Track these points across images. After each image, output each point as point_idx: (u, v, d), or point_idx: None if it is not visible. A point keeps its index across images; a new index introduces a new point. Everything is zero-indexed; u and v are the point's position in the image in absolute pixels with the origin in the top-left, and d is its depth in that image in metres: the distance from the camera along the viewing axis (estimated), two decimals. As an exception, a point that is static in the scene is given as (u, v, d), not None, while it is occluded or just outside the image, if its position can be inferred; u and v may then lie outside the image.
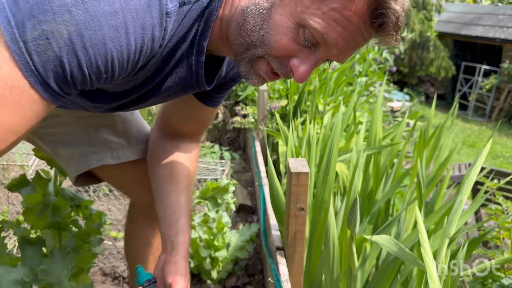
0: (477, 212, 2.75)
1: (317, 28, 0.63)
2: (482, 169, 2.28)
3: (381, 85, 3.39)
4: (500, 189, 2.05)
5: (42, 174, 1.25)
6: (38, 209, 1.22)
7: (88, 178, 1.09)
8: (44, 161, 1.26)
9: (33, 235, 1.30)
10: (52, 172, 1.29)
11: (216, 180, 2.23)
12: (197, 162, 1.08)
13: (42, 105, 0.59)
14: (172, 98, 0.86)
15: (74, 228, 1.31)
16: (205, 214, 1.76)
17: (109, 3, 0.57)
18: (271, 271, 1.16)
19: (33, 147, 1.18)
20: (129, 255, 1.22)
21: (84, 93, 0.73)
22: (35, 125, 0.62)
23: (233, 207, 1.81)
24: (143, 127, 1.12)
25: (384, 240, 0.98)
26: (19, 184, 1.24)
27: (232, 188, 1.76)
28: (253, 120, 2.83)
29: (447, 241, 0.84)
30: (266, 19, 0.65)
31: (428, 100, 11.23)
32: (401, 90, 8.24)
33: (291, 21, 0.64)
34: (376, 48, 3.96)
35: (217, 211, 1.76)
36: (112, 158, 1.05)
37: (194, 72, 0.76)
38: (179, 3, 0.66)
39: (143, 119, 1.16)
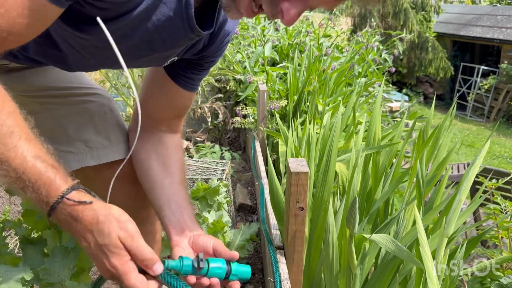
0: (475, 212, 2.76)
1: None
2: (481, 168, 2.29)
3: (380, 85, 3.40)
4: (498, 188, 2.06)
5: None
6: (37, 211, 1.22)
7: None
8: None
9: (34, 235, 1.30)
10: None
11: (218, 179, 2.23)
12: (183, 153, 1.06)
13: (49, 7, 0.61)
14: (163, 48, 0.82)
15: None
16: (197, 215, 1.77)
17: None
18: (271, 258, 1.17)
19: None
20: None
21: (78, 20, 0.72)
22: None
23: (226, 207, 1.81)
24: (122, 126, 1.09)
25: (383, 239, 0.98)
26: None
27: (223, 189, 1.77)
28: (253, 120, 2.84)
29: (445, 240, 0.85)
30: None
31: (426, 101, 11.25)
32: (400, 91, 8.25)
33: None
34: (376, 49, 3.97)
35: (208, 211, 1.76)
36: (93, 159, 1.02)
37: (184, 12, 0.74)
38: None
39: (122, 118, 1.14)
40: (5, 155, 0.63)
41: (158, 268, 0.72)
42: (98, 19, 0.70)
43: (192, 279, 0.79)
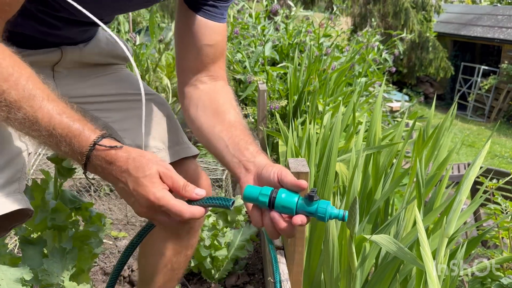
0: (476, 212, 2.76)
1: None
2: (481, 169, 2.29)
3: (380, 85, 3.39)
4: (499, 189, 2.06)
5: (39, 179, 1.24)
6: (37, 214, 1.22)
7: None
8: (44, 161, 1.26)
9: (34, 236, 1.30)
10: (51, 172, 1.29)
11: (217, 180, 2.23)
12: (232, 94, 1.02)
13: None
14: None
15: (73, 230, 1.31)
16: (213, 226, 1.77)
17: None
18: (271, 256, 1.17)
19: (35, 146, 1.17)
20: (141, 265, 1.21)
21: None
22: None
23: (244, 224, 1.81)
24: (176, 128, 1.11)
25: (383, 240, 0.98)
26: None
27: (245, 208, 1.77)
28: (253, 120, 2.84)
29: (446, 240, 0.84)
30: None
31: (427, 100, 11.25)
32: (400, 91, 8.26)
33: None
34: (376, 49, 3.97)
35: (226, 227, 1.76)
36: None
37: None
38: None
39: (177, 121, 1.15)
40: (34, 115, 0.67)
41: (199, 191, 0.73)
42: None
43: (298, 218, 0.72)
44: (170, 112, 1.14)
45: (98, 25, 0.81)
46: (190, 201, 0.74)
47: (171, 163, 1.04)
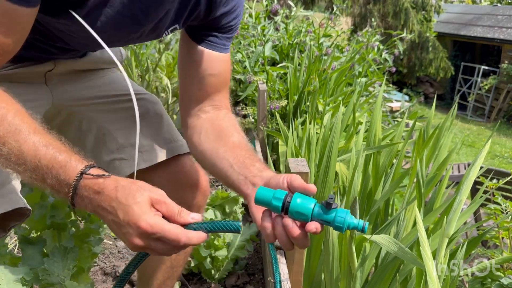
0: (476, 212, 2.76)
1: None
2: (481, 169, 2.29)
3: (380, 85, 3.39)
4: (499, 189, 2.06)
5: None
6: (35, 210, 1.22)
7: None
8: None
9: (33, 235, 1.30)
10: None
11: (216, 180, 2.23)
12: (237, 123, 1.01)
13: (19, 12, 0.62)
14: (148, 19, 0.83)
15: (73, 229, 1.31)
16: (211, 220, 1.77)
17: None
18: (271, 256, 1.17)
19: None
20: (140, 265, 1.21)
21: (60, 9, 0.73)
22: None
23: (240, 217, 1.81)
24: (170, 127, 1.11)
25: (383, 240, 0.98)
26: None
27: (242, 199, 1.76)
28: (253, 120, 2.84)
29: (446, 240, 0.84)
30: None
31: (427, 100, 11.25)
32: (400, 91, 8.25)
33: None
34: (376, 49, 3.97)
35: (224, 219, 1.76)
36: (144, 162, 1.03)
37: None
38: None
39: (170, 119, 1.15)
40: (19, 149, 0.65)
41: (195, 216, 0.70)
42: (71, 11, 0.72)
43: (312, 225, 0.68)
44: (162, 110, 1.14)
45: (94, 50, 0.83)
46: (193, 227, 0.70)
47: (166, 160, 1.06)
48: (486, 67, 11.12)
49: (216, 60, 0.96)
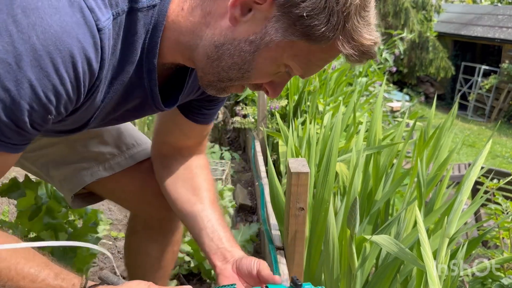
0: (476, 212, 2.75)
1: (301, 70, 0.66)
2: (482, 169, 2.28)
3: (381, 85, 3.39)
4: (499, 189, 2.06)
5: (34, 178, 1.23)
6: (30, 212, 1.21)
7: (85, 197, 1.05)
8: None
9: (32, 236, 1.30)
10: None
11: (217, 180, 2.23)
12: (210, 172, 1.03)
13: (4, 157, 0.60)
14: (136, 117, 0.82)
15: (70, 229, 1.31)
16: None
17: (23, 40, 0.52)
18: (271, 257, 1.16)
19: None
20: (130, 267, 1.19)
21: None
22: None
23: (231, 210, 1.80)
24: (132, 132, 1.08)
25: (384, 240, 0.98)
26: (9, 189, 1.21)
27: (228, 194, 1.76)
28: (253, 120, 2.83)
29: (447, 241, 0.84)
30: (248, 61, 0.65)
31: (427, 100, 11.24)
32: (400, 90, 8.25)
33: (275, 63, 0.66)
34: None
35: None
36: (105, 170, 1.01)
37: (148, 90, 0.72)
38: (112, 15, 0.60)
39: (130, 123, 1.12)
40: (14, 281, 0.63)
41: None
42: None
43: None
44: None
45: None
46: None
47: (130, 172, 1.02)
48: (487, 67, 11.12)
49: (202, 129, 0.96)
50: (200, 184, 0.97)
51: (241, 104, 3.13)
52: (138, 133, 1.10)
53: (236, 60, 0.65)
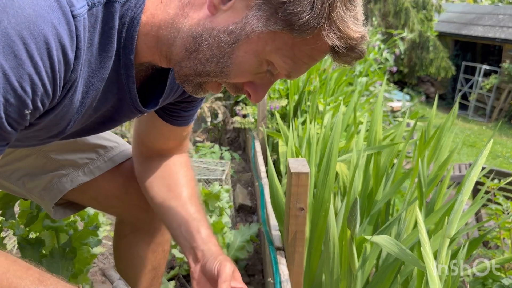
0: (477, 212, 2.75)
1: (285, 67, 0.62)
2: (483, 169, 2.28)
3: (381, 85, 3.39)
4: (500, 189, 2.05)
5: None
6: (28, 215, 1.20)
7: (67, 207, 1.03)
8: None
9: (32, 236, 1.30)
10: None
11: (217, 180, 2.23)
12: (191, 169, 1.02)
13: None
14: (116, 123, 0.79)
15: (71, 230, 1.30)
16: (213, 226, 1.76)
17: None
18: (271, 257, 1.16)
19: None
20: (122, 271, 1.17)
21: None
22: None
23: (228, 212, 1.80)
24: (107, 135, 1.05)
25: (384, 241, 0.97)
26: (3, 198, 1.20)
27: (225, 195, 1.75)
28: (253, 120, 2.83)
29: (447, 241, 0.84)
30: (227, 53, 0.61)
31: (428, 100, 11.23)
32: (401, 90, 8.24)
33: (257, 58, 0.61)
34: (377, 48, 3.96)
35: (210, 216, 1.75)
36: (85, 175, 0.99)
37: (126, 87, 0.68)
38: (88, 4, 0.56)
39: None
40: None
41: None
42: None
43: None
44: None
45: None
46: None
47: (111, 176, 1.00)
48: (487, 67, 11.10)
49: (181, 130, 0.94)
50: (178, 181, 0.95)
51: (241, 104, 3.13)
52: (114, 135, 1.08)
53: (214, 52, 0.62)
